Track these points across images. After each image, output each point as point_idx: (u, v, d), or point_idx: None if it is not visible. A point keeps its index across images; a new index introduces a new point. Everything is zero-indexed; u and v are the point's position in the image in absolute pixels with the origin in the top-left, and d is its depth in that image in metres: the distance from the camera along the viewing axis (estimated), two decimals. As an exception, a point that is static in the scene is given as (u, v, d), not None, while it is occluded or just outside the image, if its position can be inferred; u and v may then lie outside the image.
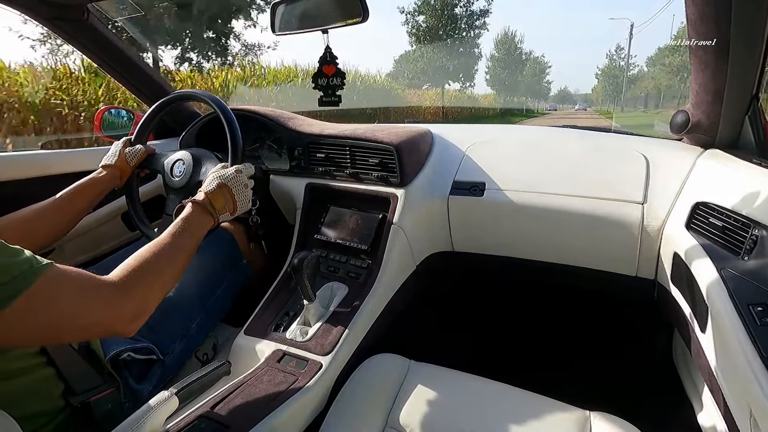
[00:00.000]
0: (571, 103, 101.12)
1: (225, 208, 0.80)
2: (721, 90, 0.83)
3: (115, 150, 0.99)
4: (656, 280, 0.97)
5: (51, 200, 0.86)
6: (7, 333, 0.48)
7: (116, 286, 0.57)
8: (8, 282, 0.46)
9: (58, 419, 0.63)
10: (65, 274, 0.53)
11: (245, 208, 0.85)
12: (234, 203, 0.82)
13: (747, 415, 0.56)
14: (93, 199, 0.92)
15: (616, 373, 1.25)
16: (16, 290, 0.46)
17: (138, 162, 1.01)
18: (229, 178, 0.82)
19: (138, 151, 1.00)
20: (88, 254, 1.27)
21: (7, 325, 0.46)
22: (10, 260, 0.48)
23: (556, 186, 1.03)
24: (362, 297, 0.96)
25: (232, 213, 0.82)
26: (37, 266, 0.50)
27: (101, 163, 0.97)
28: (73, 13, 1.13)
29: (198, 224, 0.74)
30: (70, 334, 0.55)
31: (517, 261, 1.14)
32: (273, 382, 0.78)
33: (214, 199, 0.78)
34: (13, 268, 0.48)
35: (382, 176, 1.10)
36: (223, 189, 0.80)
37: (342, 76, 0.91)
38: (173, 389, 0.65)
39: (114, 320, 0.56)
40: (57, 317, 0.51)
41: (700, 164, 0.94)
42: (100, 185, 0.93)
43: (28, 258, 0.50)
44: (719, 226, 0.74)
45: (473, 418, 0.72)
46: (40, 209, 0.84)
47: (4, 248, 0.49)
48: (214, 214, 0.77)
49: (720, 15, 0.71)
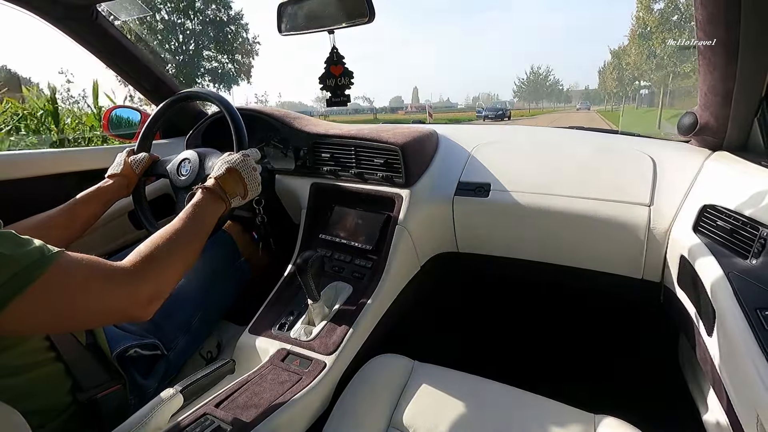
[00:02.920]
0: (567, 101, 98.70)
1: (235, 191, 0.80)
2: (730, 92, 0.83)
3: (120, 160, 0.99)
4: (662, 282, 0.97)
5: (60, 209, 0.86)
6: (23, 321, 0.48)
7: (129, 271, 0.57)
8: (21, 270, 0.47)
9: (64, 415, 0.64)
10: (77, 261, 0.53)
11: (256, 191, 0.85)
12: (244, 186, 0.82)
13: (754, 420, 0.56)
14: (101, 208, 0.92)
15: (621, 376, 1.24)
16: (29, 278, 0.47)
17: (143, 169, 1.01)
18: (237, 162, 0.82)
19: (142, 159, 1.00)
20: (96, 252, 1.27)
21: (22, 312, 0.47)
22: (22, 249, 0.49)
23: (561, 187, 1.03)
24: (366, 297, 0.96)
25: (243, 197, 0.82)
26: (49, 254, 0.50)
27: (107, 173, 0.97)
28: (82, 13, 1.14)
29: (209, 208, 0.74)
30: (87, 320, 0.56)
31: (522, 262, 1.13)
32: (277, 381, 0.78)
33: (224, 183, 0.78)
34: (25, 257, 0.48)
35: (387, 176, 1.10)
36: (233, 173, 0.80)
37: (350, 75, 0.91)
38: (178, 387, 0.65)
39: (130, 304, 0.56)
40: (71, 303, 0.51)
41: (708, 166, 0.93)
42: (107, 194, 0.94)
43: (39, 246, 0.50)
44: (727, 228, 0.73)
45: (477, 420, 0.72)
46: (50, 217, 0.84)
47: (15, 238, 0.50)
48: (225, 198, 0.77)
49: (729, 16, 0.71)
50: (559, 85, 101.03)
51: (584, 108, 68.38)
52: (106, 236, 1.30)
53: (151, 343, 0.82)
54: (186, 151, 1.03)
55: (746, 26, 0.71)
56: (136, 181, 1.00)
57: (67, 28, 1.18)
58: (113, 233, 1.31)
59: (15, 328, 0.49)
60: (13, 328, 0.49)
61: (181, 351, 0.90)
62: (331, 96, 0.93)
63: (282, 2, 0.95)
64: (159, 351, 0.83)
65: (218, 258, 1.07)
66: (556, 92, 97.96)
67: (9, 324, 0.47)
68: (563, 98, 76.17)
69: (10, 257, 0.47)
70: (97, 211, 0.91)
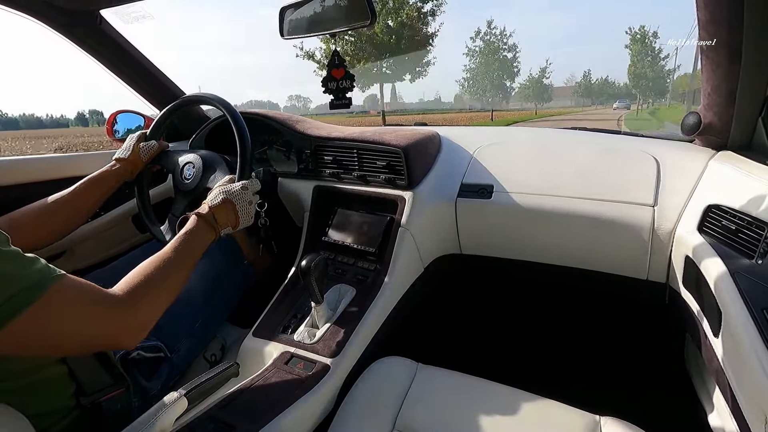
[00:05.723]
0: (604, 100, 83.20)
1: (227, 222, 0.81)
2: (734, 91, 0.82)
3: (130, 144, 1.01)
4: (667, 283, 0.96)
5: (65, 192, 0.89)
6: (22, 340, 0.49)
7: (122, 301, 0.58)
8: (21, 291, 0.47)
9: (68, 418, 0.64)
10: (76, 286, 0.54)
11: (247, 224, 0.86)
12: (237, 218, 0.83)
13: (761, 421, 0.55)
14: (106, 191, 0.94)
15: (626, 378, 1.23)
16: (29, 299, 0.47)
17: (151, 158, 1.03)
18: (234, 194, 0.83)
19: (152, 146, 1.02)
20: (100, 256, 1.29)
21: (21, 332, 0.47)
22: (25, 269, 0.49)
23: (565, 188, 1.02)
24: (370, 299, 0.96)
25: (233, 227, 0.83)
26: (50, 276, 0.51)
27: (114, 156, 0.99)
28: (86, 18, 1.15)
29: (200, 237, 0.76)
30: (75, 346, 0.56)
31: (525, 264, 1.13)
32: (281, 384, 0.78)
33: (218, 213, 0.79)
34: (28, 277, 0.49)
35: (390, 179, 1.10)
36: (228, 204, 0.81)
37: (351, 78, 0.91)
38: (182, 390, 0.65)
39: (119, 334, 0.57)
40: (65, 328, 0.52)
41: (712, 166, 0.93)
42: (112, 178, 0.96)
43: (41, 268, 0.51)
44: (732, 228, 0.73)
45: (482, 423, 0.72)
46: (55, 202, 0.86)
47: (19, 256, 0.50)
48: (216, 227, 0.78)
49: (732, 16, 0.71)
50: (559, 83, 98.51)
51: (623, 107, 50.85)
52: (111, 240, 1.30)
53: (154, 345, 0.82)
54: (191, 153, 1.04)
55: (749, 26, 0.70)
56: (141, 167, 1.02)
57: (72, 35, 1.19)
58: (118, 237, 1.32)
59: (15, 348, 0.50)
60: (13, 347, 0.49)
61: (184, 354, 0.91)
62: (333, 99, 0.93)
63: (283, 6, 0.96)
64: (162, 353, 0.83)
65: (222, 261, 1.08)
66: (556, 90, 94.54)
67: (9, 341, 0.47)
68: (547, 97, 68.82)
69: (14, 276, 0.48)
70: (101, 194, 0.94)
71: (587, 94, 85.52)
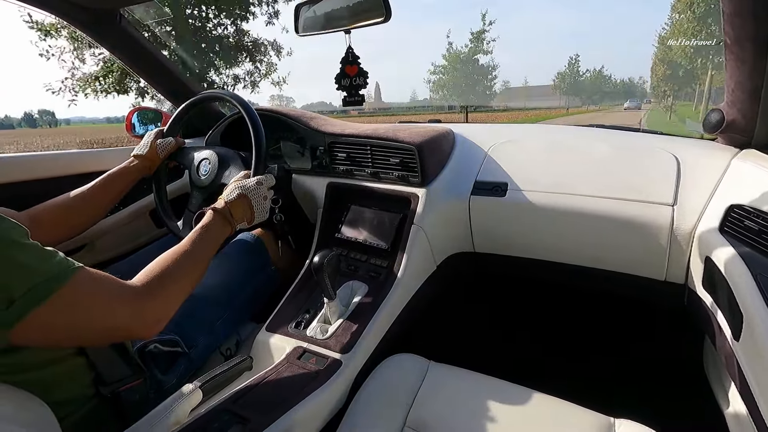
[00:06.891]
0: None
1: (243, 217, 0.82)
2: (759, 88, 0.80)
3: (147, 140, 1.04)
4: (686, 284, 0.94)
5: (85, 188, 0.92)
6: (43, 331, 0.50)
7: (139, 292, 0.59)
8: (42, 282, 0.49)
9: (87, 407, 0.66)
10: (94, 277, 0.55)
11: (262, 219, 0.87)
12: (252, 213, 0.84)
13: None
14: (124, 187, 0.98)
15: (642, 380, 1.21)
16: (48, 290, 0.49)
17: (168, 154, 1.06)
18: (249, 189, 0.84)
19: (169, 143, 1.05)
20: (119, 249, 1.32)
21: (42, 322, 0.49)
22: (45, 262, 0.51)
23: (581, 187, 1.01)
24: (382, 296, 0.96)
25: (249, 222, 0.85)
26: (69, 268, 0.52)
27: (133, 153, 1.02)
28: (108, 17, 1.18)
29: (216, 232, 0.77)
30: (94, 337, 0.58)
31: (539, 263, 1.12)
32: (293, 379, 0.79)
33: (233, 208, 0.81)
34: (47, 269, 0.50)
35: (403, 176, 1.10)
36: (243, 199, 0.83)
37: (365, 75, 0.92)
38: (197, 382, 0.67)
39: (136, 324, 0.58)
40: (83, 319, 0.53)
41: (735, 165, 0.90)
42: (131, 174, 0.99)
43: (60, 260, 0.52)
44: (755, 229, 0.71)
45: (492, 422, 0.71)
46: (75, 197, 0.89)
47: (38, 249, 0.52)
48: (232, 222, 0.80)
49: (758, 10, 0.68)
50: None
51: (634, 107, 50.51)
52: (129, 234, 1.33)
53: (170, 339, 0.83)
54: (207, 150, 1.06)
55: None
56: (159, 163, 1.05)
57: (93, 33, 1.22)
58: (136, 232, 1.35)
59: (35, 338, 0.51)
60: (34, 338, 0.51)
61: (201, 349, 0.92)
62: (345, 96, 0.94)
63: (299, 3, 0.96)
64: (179, 348, 0.85)
65: (249, 263, 1.10)
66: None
67: (30, 332, 0.49)
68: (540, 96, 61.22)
69: (34, 269, 0.49)
70: (120, 189, 0.97)
71: (574, 91, 69.09)
